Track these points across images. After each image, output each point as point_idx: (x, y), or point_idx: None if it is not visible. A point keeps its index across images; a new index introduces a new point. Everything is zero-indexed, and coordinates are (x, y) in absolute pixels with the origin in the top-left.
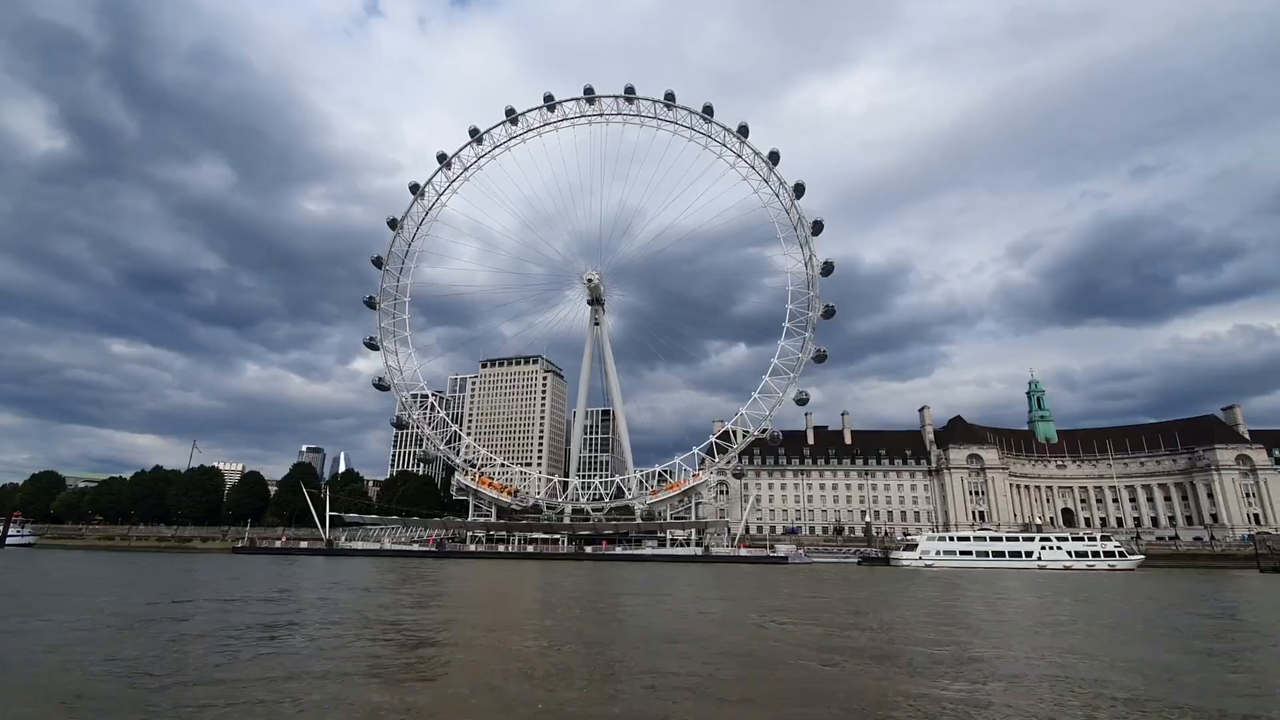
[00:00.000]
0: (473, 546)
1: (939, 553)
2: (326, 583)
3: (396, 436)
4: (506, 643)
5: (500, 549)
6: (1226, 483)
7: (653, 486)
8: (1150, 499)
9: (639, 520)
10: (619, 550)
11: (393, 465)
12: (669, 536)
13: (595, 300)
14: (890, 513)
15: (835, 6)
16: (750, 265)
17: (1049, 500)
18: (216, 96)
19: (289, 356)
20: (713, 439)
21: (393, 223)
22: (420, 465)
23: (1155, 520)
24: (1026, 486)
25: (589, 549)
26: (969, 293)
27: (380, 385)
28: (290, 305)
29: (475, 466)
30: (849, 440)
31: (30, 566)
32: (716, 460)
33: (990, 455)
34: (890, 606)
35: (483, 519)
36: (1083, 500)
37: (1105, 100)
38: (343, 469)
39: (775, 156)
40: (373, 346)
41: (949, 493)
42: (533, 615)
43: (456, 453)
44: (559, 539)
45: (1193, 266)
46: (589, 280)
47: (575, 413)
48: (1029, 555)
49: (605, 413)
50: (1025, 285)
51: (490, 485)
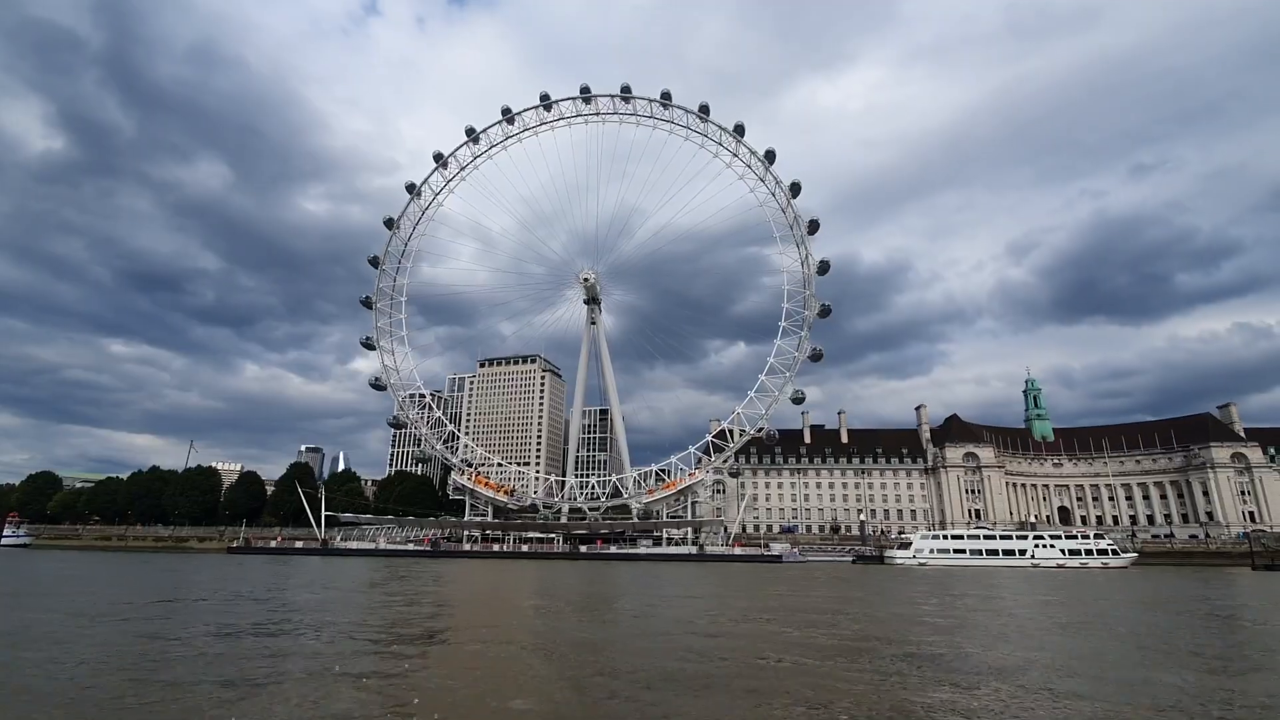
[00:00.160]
0: (468, 546)
1: (932, 551)
2: (304, 582)
3: (395, 436)
4: (464, 647)
5: (495, 548)
6: (1222, 481)
7: (649, 486)
8: (1146, 497)
9: (635, 519)
10: (614, 549)
11: (391, 465)
12: (665, 535)
13: (592, 300)
14: (887, 511)
15: (834, 5)
16: (750, 264)
17: (1045, 499)
18: (214, 95)
19: (288, 356)
20: (709, 438)
21: (389, 222)
22: (418, 465)
23: (1151, 518)
24: (1023, 485)
25: (584, 548)
26: (968, 291)
27: (377, 385)
28: (289, 305)
29: (472, 466)
30: (845, 439)
31: (14, 567)
32: (713, 459)
33: (986, 454)
34: (865, 604)
35: (479, 518)
36: (1079, 499)
37: (1103, 98)
38: (341, 469)
39: (771, 155)
40: (369, 346)
41: (945, 491)
42: (506, 614)
43: (453, 452)
44: (554, 538)
45: (1191, 264)
46: (585, 280)
47: (572, 412)
48: (1022, 554)
49: (604, 412)
50: (1024, 284)
51: (487, 485)
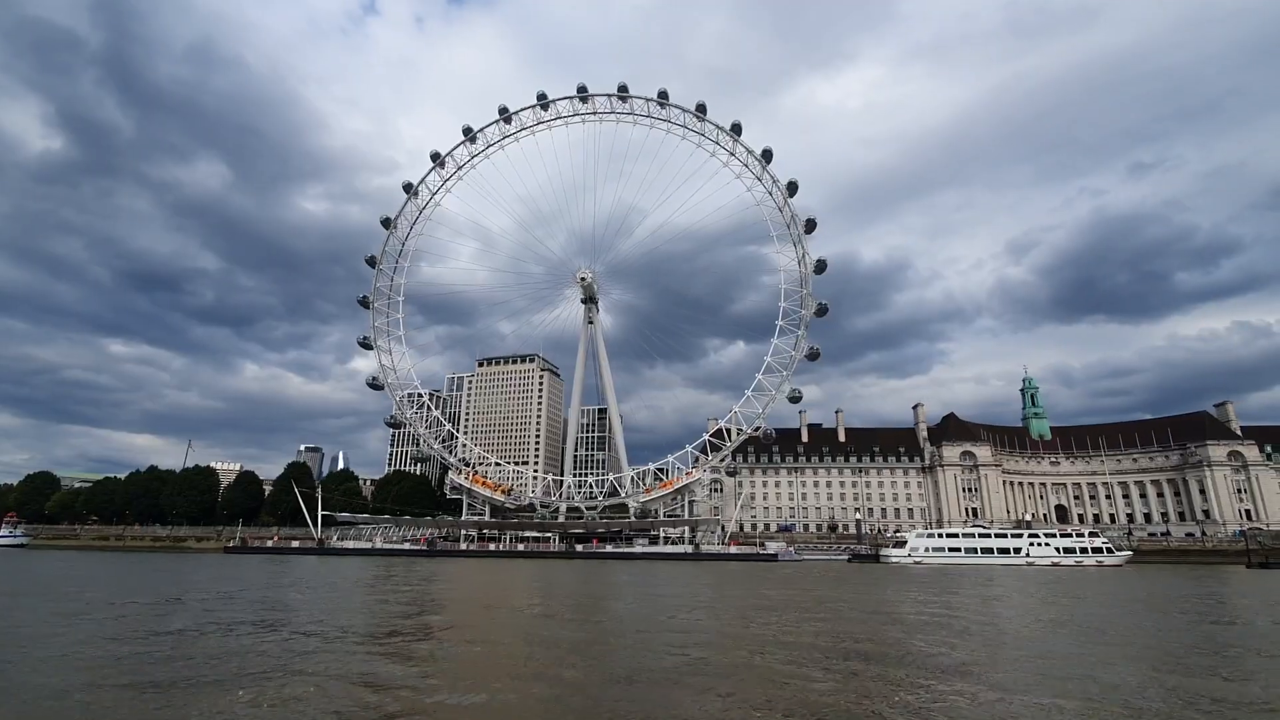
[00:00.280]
0: (464, 545)
1: (927, 550)
2: (291, 581)
3: (393, 436)
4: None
5: (491, 548)
6: (1218, 479)
7: (647, 485)
8: (1143, 495)
9: (632, 519)
10: (609, 549)
11: (390, 465)
12: (661, 534)
13: (589, 299)
14: (884, 510)
15: (833, 3)
16: (749, 263)
17: (1042, 497)
18: (212, 95)
19: (287, 356)
20: (706, 437)
21: (386, 222)
22: (416, 465)
23: (1148, 516)
24: (1020, 483)
25: (579, 547)
26: (967, 290)
27: (374, 385)
28: (288, 304)
29: (469, 465)
30: (843, 438)
31: (3, 567)
32: (710, 458)
33: (983, 452)
34: (844, 602)
35: (476, 518)
36: (1076, 497)
37: (1103, 96)
38: (341, 469)
39: (768, 155)
40: (366, 346)
41: (942, 490)
42: (484, 612)
43: (451, 451)
44: (550, 538)
45: (1190, 263)
46: (582, 279)
47: (570, 412)
48: (1017, 552)
49: (602, 411)
50: (1023, 282)
51: (484, 484)
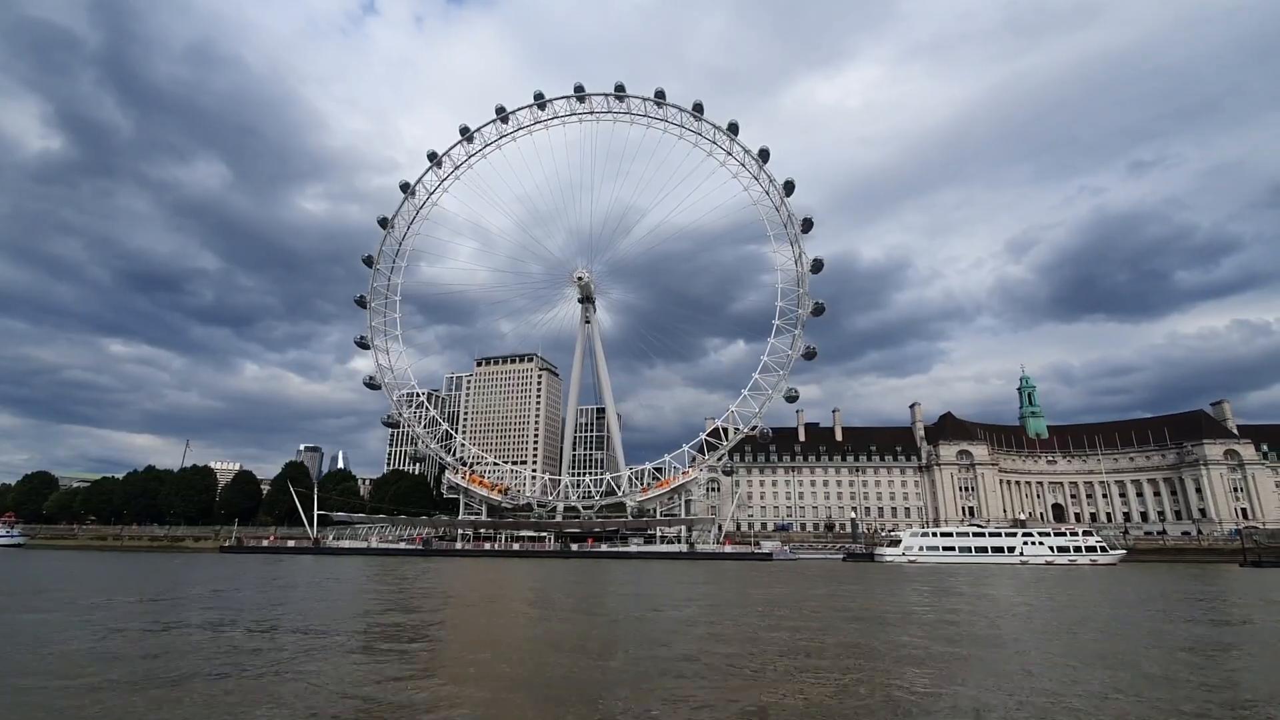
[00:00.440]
0: (460, 545)
1: (922, 549)
2: (278, 583)
3: (392, 435)
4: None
5: (487, 547)
6: (1215, 478)
7: (644, 484)
8: (1140, 494)
9: (629, 518)
10: (604, 548)
11: (388, 464)
12: (657, 534)
13: (586, 298)
14: (881, 509)
15: (832, 2)
16: (748, 262)
17: (1039, 496)
18: (211, 95)
19: (287, 356)
20: (704, 436)
21: (383, 221)
22: (414, 465)
23: (1145, 515)
24: (1016, 482)
25: (575, 546)
26: (967, 288)
27: (371, 384)
28: (288, 304)
29: (467, 465)
30: (840, 437)
31: (1, 567)
32: (707, 458)
33: (980, 451)
34: (825, 600)
35: (472, 517)
36: (1073, 496)
37: (1102, 95)
38: (340, 468)
39: (765, 154)
40: (364, 345)
41: (939, 489)
42: (471, 610)
43: (448, 451)
44: (546, 537)
45: (1190, 261)
46: (579, 279)
47: (567, 411)
48: (1011, 551)
49: (600, 410)
50: (1023, 281)
51: (481, 483)
